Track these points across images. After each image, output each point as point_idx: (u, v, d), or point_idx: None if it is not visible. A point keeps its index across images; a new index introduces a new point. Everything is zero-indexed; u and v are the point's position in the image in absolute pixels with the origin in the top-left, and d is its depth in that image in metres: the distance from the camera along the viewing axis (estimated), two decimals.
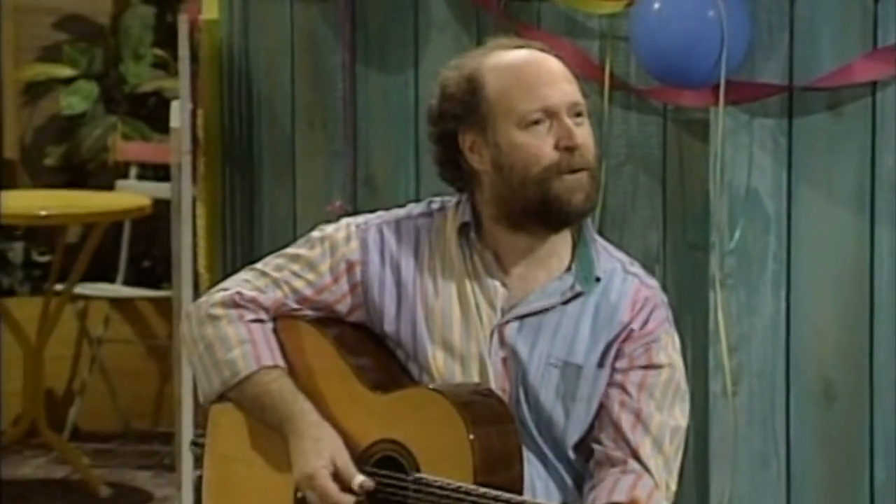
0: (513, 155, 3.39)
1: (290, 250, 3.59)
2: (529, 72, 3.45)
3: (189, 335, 3.58)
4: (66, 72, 7.99)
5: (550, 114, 3.41)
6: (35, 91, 8.05)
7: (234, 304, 3.52)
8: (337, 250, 3.52)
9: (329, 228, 3.58)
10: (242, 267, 3.73)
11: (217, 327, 3.51)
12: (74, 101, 7.92)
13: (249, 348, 3.48)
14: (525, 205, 3.39)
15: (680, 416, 3.46)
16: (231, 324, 3.50)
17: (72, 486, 6.94)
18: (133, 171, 7.62)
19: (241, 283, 3.56)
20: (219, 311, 3.53)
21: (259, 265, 3.60)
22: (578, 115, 3.43)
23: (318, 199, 4.96)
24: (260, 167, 5.21)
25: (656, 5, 4.35)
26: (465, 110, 3.43)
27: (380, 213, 3.61)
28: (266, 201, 5.17)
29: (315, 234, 3.58)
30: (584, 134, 3.41)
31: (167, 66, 7.56)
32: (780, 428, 4.31)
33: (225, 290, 3.56)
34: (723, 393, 4.27)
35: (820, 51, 4.41)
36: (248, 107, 5.19)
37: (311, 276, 3.52)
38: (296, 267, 3.54)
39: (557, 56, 3.53)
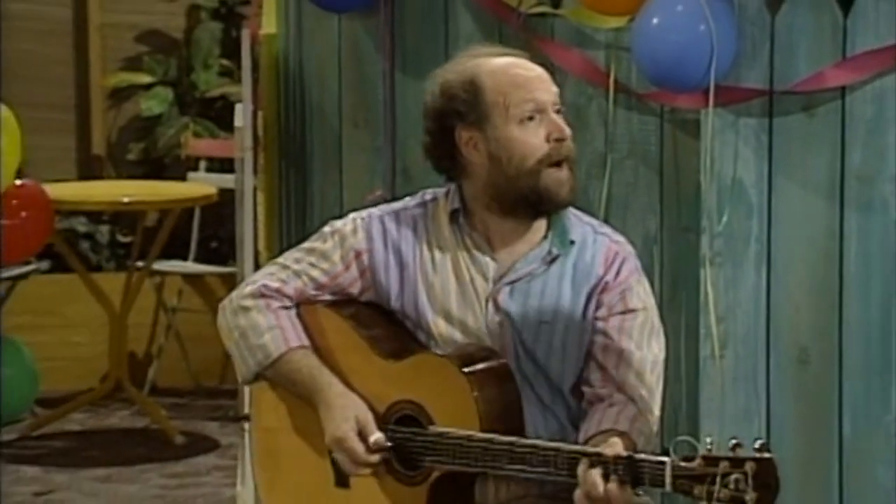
0: (510, 148, 3.41)
1: (306, 245, 3.62)
2: (521, 74, 3.47)
3: (225, 325, 3.60)
4: (145, 79, 8.00)
5: (541, 110, 3.43)
6: (119, 96, 8.06)
7: (261, 295, 3.55)
8: (346, 241, 3.54)
9: (338, 223, 3.60)
10: (296, 245, 3.76)
11: (248, 317, 3.54)
12: (153, 105, 7.93)
13: (278, 333, 3.51)
14: (517, 194, 3.42)
15: (657, 350, 3.48)
16: (260, 312, 3.53)
17: (151, 435, 6.97)
18: (202, 164, 7.62)
19: (266, 276, 3.59)
20: (249, 302, 3.55)
21: (280, 260, 3.63)
22: (559, 111, 3.46)
23: (362, 188, 4.97)
24: (311, 161, 5.21)
25: (654, 20, 4.35)
26: (467, 108, 3.45)
27: (381, 206, 3.63)
28: (316, 190, 5.17)
29: (326, 229, 3.61)
30: (567, 129, 3.46)
31: (232, 74, 7.57)
32: (761, 387, 4.29)
33: (253, 283, 3.60)
34: (711, 356, 4.25)
35: (796, 60, 4.39)
36: (300, 109, 5.19)
37: (325, 266, 3.55)
38: (312, 259, 3.56)
39: (537, 62, 3.56)
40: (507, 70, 3.48)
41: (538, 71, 3.50)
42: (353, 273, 3.54)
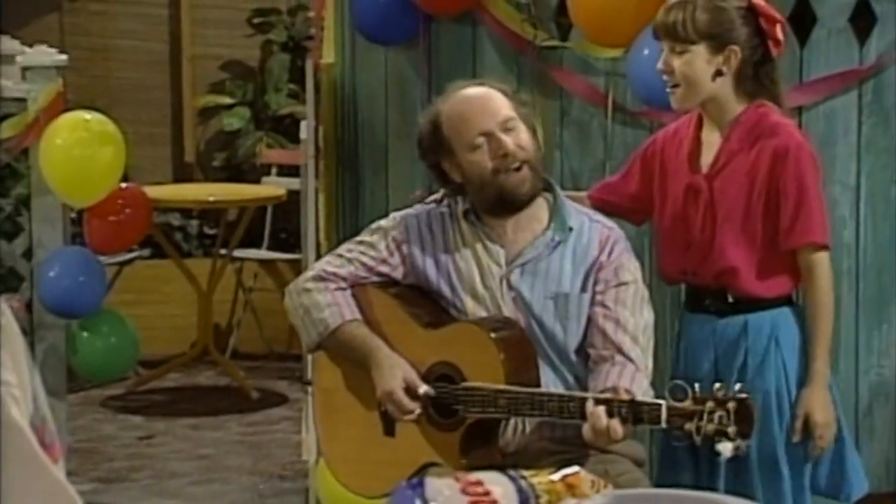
0: (470, 170, 3.47)
1: (357, 238, 3.65)
2: (468, 108, 3.51)
3: (291, 305, 3.63)
4: (227, 100, 8.01)
5: (487, 134, 3.46)
6: (206, 114, 8.07)
7: (321, 278, 3.58)
8: (388, 234, 3.58)
9: (382, 221, 3.65)
10: (351, 237, 3.78)
11: (310, 296, 3.56)
12: (233, 121, 7.94)
13: (335, 309, 3.53)
14: (490, 200, 3.47)
15: (647, 316, 3.48)
16: (320, 293, 3.55)
17: (232, 391, 6.97)
18: (274, 170, 7.61)
19: (325, 263, 3.63)
20: (310, 284, 3.58)
21: (336, 251, 3.67)
22: (509, 127, 3.46)
23: (404, 189, 4.96)
24: (362, 167, 5.21)
25: (645, 51, 4.33)
26: (436, 146, 3.53)
27: (417, 205, 3.67)
28: (367, 191, 5.18)
29: (373, 225, 3.65)
30: (515, 139, 3.46)
31: (298, 96, 7.57)
32: None
33: (313, 269, 3.63)
34: None
35: None
36: (353, 124, 5.19)
37: (373, 254, 3.57)
38: (362, 248, 3.59)
39: (495, 88, 3.58)
40: (457, 106, 3.54)
41: (484, 99, 3.53)
42: (396, 260, 3.56)
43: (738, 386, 3.08)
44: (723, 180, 3.57)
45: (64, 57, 5.79)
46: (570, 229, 3.49)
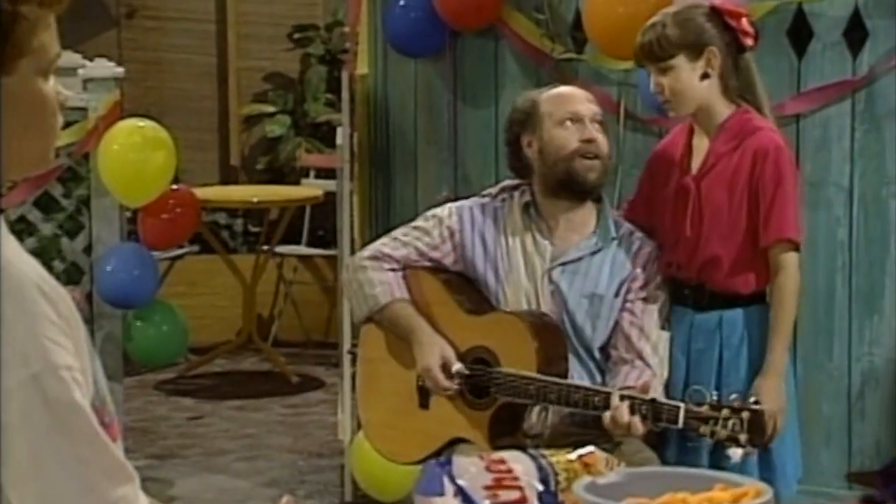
0: (551, 144, 3.47)
1: (412, 224, 3.63)
2: (566, 93, 3.57)
3: (347, 279, 3.63)
4: (269, 109, 8.01)
5: (577, 119, 3.46)
6: (250, 121, 8.08)
7: (376, 258, 3.56)
8: (442, 223, 3.56)
9: (438, 210, 3.63)
10: (383, 235, 3.77)
11: (365, 273, 3.55)
12: (275, 128, 7.94)
13: (386, 287, 3.51)
14: (557, 177, 3.46)
15: (668, 330, 3.47)
16: (374, 271, 3.54)
17: (273, 376, 6.98)
18: (312, 172, 7.62)
19: (381, 245, 3.61)
20: (366, 262, 3.57)
21: (392, 234, 3.64)
22: (598, 121, 3.50)
23: (432, 190, 4.97)
24: (394, 169, 5.21)
25: None
26: (526, 119, 3.52)
27: (472, 198, 3.65)
28: (397, 191, 5.17)
29: (429, 213, 3.63)
30: (599, 135, 3.49)
31: (334, 105, 7.55)
32: None
33: (371, 249, 3.61)
34: None
35: None
36: (385, 131, 5.19)
37: (426, 240, 3.55)
38: (416, 234, 3.57)
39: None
40: (557, 91, 3.60)
41: (581, 94, 3.59)
42: (447, 247, 3.55)
43: (753, 398, 3.05)
44: (710, 181, 3.53)
45: (121, 69, 5.81)
46: (613, 239, 3.49)
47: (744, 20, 3.59)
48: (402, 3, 5.04)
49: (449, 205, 3.63)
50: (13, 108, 1.71)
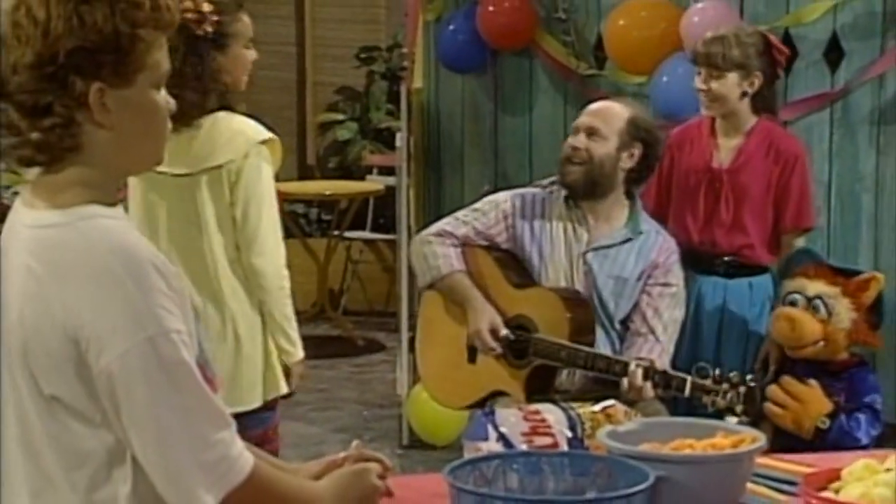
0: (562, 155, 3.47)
1: (472, 206, 3.59)
2: (589, 107, 3.52)
3: (414, 251, 3.59)
4: (339, 117, 8.00)
5: (574, 130, 3.47)
6: (324, 127, 8.06)
7: (439, 234, 3.53)
8: (498, 206, 3.53)
9: (496, 195, 3.60)
10: (434, 222, 3.70)
11: (430, 247, 3.52)
12: (344, 133, 7.92)
13: (447, 260, 3.48)
14: (562, 181, 3.47)
15: (679, 314, 3.44)
16: (438, 245, 3.51)
17: (343, 340, 6.95)
18: (375, 170, 7.61)
19: (445, 223, 3.57)
20: (432, 238, 3.53)
21: (455, 214, 3.60)
22: (591, 133, 3.42)
23: (476, 185, 4.97)
24: (444, 168, 5.21)
25: (664, 78, 4.32)
26: None
27: (526, 187, 3.62)
28: (446, 187, 5.18)
29: (489, 198, 3.60)
30: (586, 144, 3.41)
31: (394, 114, 7.54)
32: None
33: (436, 226, 3.57)
34: None
35: None
36: (437, 135, 5.19)
37: (483, 220, 3.52)
38: (475, 215, 3.54)
39: (616, 102, 3.56)
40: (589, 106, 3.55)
41: (595, 106, 3.51)
42: (500, 228, 3.51)
43: (749, 377, 3.04)
44: (745, 175, 3.64)
45: None
46: (641, 233, 3.45)
47: (783, 57, 3.71)
48: (451, 27, 5.04)
49: (504, 193, 3.59)
50: (133, 115, 1.72)
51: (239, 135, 3.15)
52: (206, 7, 3.13)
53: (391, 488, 1.97)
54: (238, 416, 1.78)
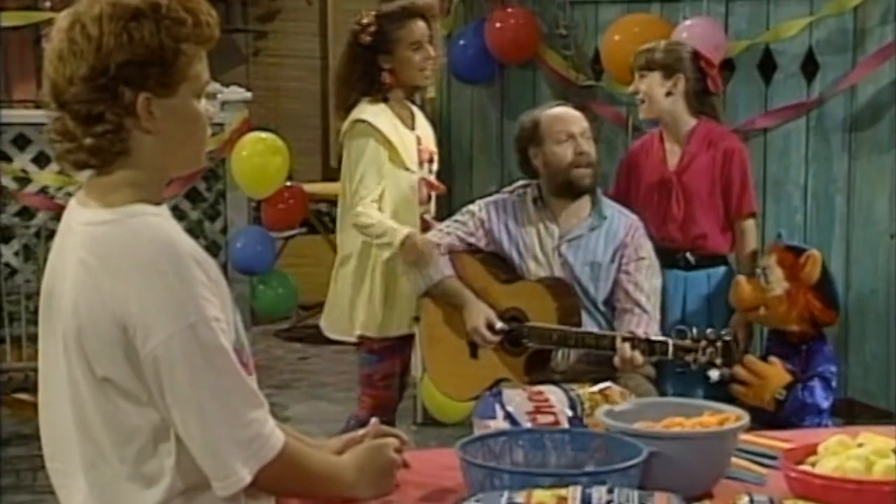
0: (552, 158, 3.42)
1: (453, 218, 3.57)
2: (561, 114, 3.48)
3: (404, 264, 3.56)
4: None
5: (571, 136, 3.41)
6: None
7: None
8: (475, 215, 3.51)
9: (471, 206, 3.57)
10: (445, 219, 3.76)
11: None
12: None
13: (436, 268, 3.46)
14: (559, 183, 3.42)
15: (657, 282, 3.43)
16: None
17: None
18: None
19: (430, 236, 3.53)
20: None
21: (438, 226, 3.57)
22: (587, 136, 3.43)
23: (483, 187, 4.91)
24: (455, 171, 5.18)
25: None
26: (531, 135, 3.46)
27: (495, 195, 3.58)
28: (457, 188, 5.13)
29: (465, 209, 3.57)
30: (588, 146, 3.42)
31: None
32: None
33: None
34: None
35: (738, 111, 4.36)
36: (448, 141, 5.16)
37: (464, 230, 3.50)
38: (456, 225, 3.52)
39: (578, 108, 3.56)
40: (554, 112, 3.50)
41: (573, 113, 3.50)
42: (480, 234, 3.50)
43: (725, 331, 3.04)
44: (690, 174, 3.65)
45: (249, 94, 5.85)
46: (605, 218, 3.44)
47: (715, 71, 3.73)
48: (461, 42, 5.04)
49: (478, 201, 3.57)
50: (177, 122, 1.73)
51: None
52: (367, 18, 3.56)
53: (407, 461, 1.99)
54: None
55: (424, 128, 3.79)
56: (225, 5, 7.60)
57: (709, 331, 3.01)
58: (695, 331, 3.02)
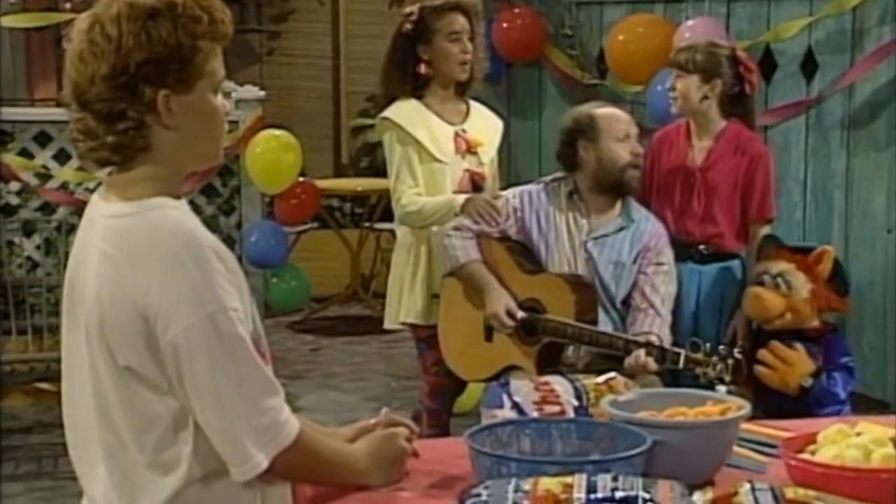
0: (608, 155, 3.40)
1: None
2: (618, 115, 3.48)
3: (437, 242, 3.56)
4: (370, 122, 7.95)
5: (628, 136, 3.42)
6: (356, 131, 8.04)
7: (458, 228, 3.49)
8: (509, 202, 3.50)
9: (506, 192, 3.56)
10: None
11: (449, 239, 3.49)
12: (375, 136, 7.89)
13: (464, 250, 3.46)
14: (608, 180, 3.40)
15: (672, 288, 3.43)
16: (456, 238, 3.48)
17: (373, 319, 6.82)
18: None
19: (462, 218, 3.51)
20: (451, 231, 3.50)
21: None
22: (638, 139, 3.44)
23: None
24: None
25: (658, 87, 4.31)
26: (586, 129, 3.43)
27: (531, 184, 3.57)
28: None
29: (500, 194, 3.56)
30: (640, 150, 3.44)
31: None
32: None
33: (454, 221, 3.51)
34: None
35: None
36: None
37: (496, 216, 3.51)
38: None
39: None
40: (611, 111, 3.50)
41: (627, 115, 3.51)
42: (511, 222, 3.49)
43: (736, 349, 3.03)
44: (714, 173, 3.62)
45: (263, 93, 5.84)
46: (633, 220, 3.45)
47: (753, 75, 3.67)
48: None
49: (514, 188, 3.56)
50: (194, 118, 1.73)
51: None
52: (411, 8, 3.55)
53: (417, 450, 1.99)
54: None
55: (480, 120, 3.74)
56: (239, 6, 7.60)
57: (721, 347, 3.01)
58: (708, 346, 3.02)
